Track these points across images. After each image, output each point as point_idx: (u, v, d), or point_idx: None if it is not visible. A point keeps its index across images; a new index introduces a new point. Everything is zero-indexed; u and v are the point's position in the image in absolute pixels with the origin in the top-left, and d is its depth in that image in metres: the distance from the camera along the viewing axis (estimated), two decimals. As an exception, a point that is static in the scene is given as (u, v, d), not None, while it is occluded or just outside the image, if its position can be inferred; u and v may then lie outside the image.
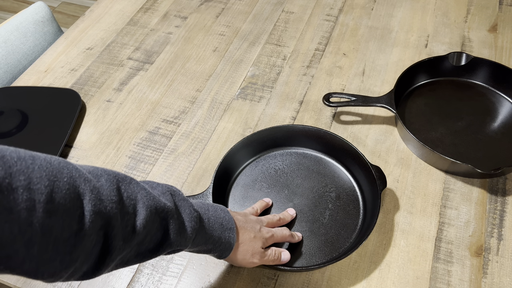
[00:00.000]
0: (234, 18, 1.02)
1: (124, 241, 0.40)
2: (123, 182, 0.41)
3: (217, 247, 0.52)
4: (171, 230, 0.44)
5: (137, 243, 0.42)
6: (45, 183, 0.33)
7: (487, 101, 0.81)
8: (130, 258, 0.43)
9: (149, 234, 0.42)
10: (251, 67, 0.90)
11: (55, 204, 0.33)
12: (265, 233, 0.58)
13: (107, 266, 0.40)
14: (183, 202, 0.48)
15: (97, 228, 0.37)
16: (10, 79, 1.00)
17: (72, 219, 0.34)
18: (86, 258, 0.37)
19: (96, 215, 0.36)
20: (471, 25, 0.96)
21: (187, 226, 0.46)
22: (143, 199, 0.42)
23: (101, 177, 0.39)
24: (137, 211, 0.41)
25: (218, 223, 0.52)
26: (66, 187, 0.34)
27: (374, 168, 0.66)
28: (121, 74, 0.91)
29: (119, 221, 0.38)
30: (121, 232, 0.39)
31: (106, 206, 0.37)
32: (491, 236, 0.64)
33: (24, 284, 0.62)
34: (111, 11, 1.05)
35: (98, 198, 0.37)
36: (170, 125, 0.81)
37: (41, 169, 0.33)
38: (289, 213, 0.66)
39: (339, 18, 1.00)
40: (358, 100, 0.76)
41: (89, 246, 0.36)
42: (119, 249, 0.39)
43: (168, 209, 0.44)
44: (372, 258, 0.63)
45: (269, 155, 0.74)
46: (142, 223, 0.41)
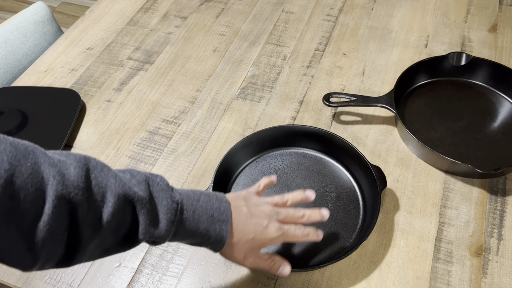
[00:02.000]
0: (234, 18, 1.02)
1: (94, 229, 0.39)
2: (94, 170, 0.40)
3: (207, 240, 0.48)
4: (142, 220, 0.43)
5: (112, 231, 0.41)
6: (6, 167, 0.33)
7: (487, 101, 0.81)
8: (111, 246, 0.43)
9: (122, 222, 0.42)
10: (251, 67, 0.90)
11: (15, 188, 0.34)
12: (273, 232, 0.51)
13: (82, 254, 0.40)
14: (161, 193, 0.45)
15: (64, 214, 0.37)
16: (10, 79, 1.00)
17: (35, 203, 0.35)
18: (56, 242, 0.37)
19: (60, 200, 0.36)
20: (471, 25, 0.96)
21: (161, 218, 0.44)
22: (112, 186, 0.41)
23: (70, 165, 0.39)
24: (105, 199, 0.40)
25: (207, 215, 0.48)
26: (29, 172, 0.35)
27: (374, 168, 0.66)
28: (121, 74, 0.91)
29: (85, 209, 0.38)
30: (88, 220, 0.39)
31: (70, 192, 0.37)
32: (491, 236, 0.64)
33: (24, 284, 0.62)
34: (111, 11, 1.05)
35: (62, 184, 0.37)
36: (170, 125, 0.81)
37: (3, 154, 0.34)
38: (320, 213, 0.55)
39: (339, 18, 1.00)
40: (358, 100, 0.76)
41: (58, 231, 0.37)
42: (89, 237, 0.39)
43: (139, 198, 0.43)
44: (372, 258, 0.63)
45: (269, 155, 0.74)
46: (111, 211, 0.40)
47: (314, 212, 0.55)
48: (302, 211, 0.55)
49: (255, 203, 0.53)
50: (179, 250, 0.65)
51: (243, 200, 0.53)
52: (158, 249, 0.65)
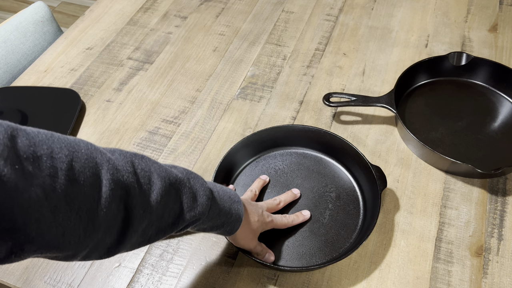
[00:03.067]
0: (234, 18, 1.01)
1: (144, 210, 0.41)
2: (136, 157, 0.43)
3: (229, 219, 0.53)
4: (185, 200, 0.46)
5: (157, 217, 0.43)
6: (65, 152, 0.35)
7: (488, 101, 0.80)
8: (152, 235, 0.44)
9: (167, 206, 0.44)
10: (251, 67, 0.90)
11: (75, 172, 0.35)
12: (266, 217, 0.60)
13: (129, 239, 0.41)
14: (194, 175, 0.49)
15: (117, 198, 0.38)
16: (9, 79, 1.00)
17: (92, 188, 0.36)
18: (108, 228, 0.38)
19: (115, 184, 0.38)
20: (471, 25, 0.96)
21: (201, 196, 0.48)
22: (157, 170, 0.43)
23: (115, 152, 0.41)
24: (152, 182, 0.42)
25: (226, 196, 0.53)
26: (85, 157, 0.36)
27: (374, 168, 0.65)
28: (121, 74, 0.91)
29: (137, 191, 0.40)
30: (140, 202, 0.40)
31: (123, 175, 0.39)
32: (491, 236, 0.64)
33: (24, 284, 0.62)
34: (111, 11, 1.05)
35: (115, 168, 0.38)
36: (170, 125, 0.81)
37: (60, 141, 0.35)
38: (292, 193, 0.67)
39: (339, 18, 1.00)
40: (358, 100, 0.76)
41: (111, 216, 0.38)
42: (140, 219, 0.41)
43: (181, 179, 0.46)
44: (372, 258, 0.63)
45: (269, 155, 0.74)
46: (159, 192, 0.42)
47: (287, 195, 0.67)
48: (278, 199, 0.65)
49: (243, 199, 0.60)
50: (179, 250, 0.65)
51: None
52: (158, 249, 0.65)
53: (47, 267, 0.64)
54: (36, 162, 0.32)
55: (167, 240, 0.66)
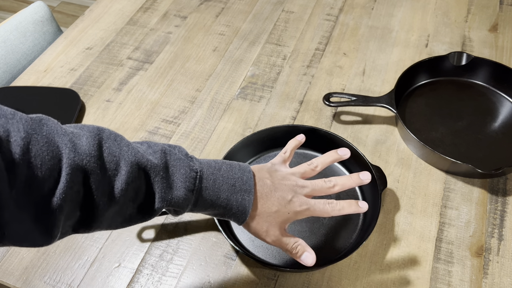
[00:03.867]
0: (234, 17, 1.01)
1: (108, 197, 0.40)
2: (107, 140, 0.41)
3: (229, 211, 0.47)
4: (157, 187, 0.43)
5: (129, 199, 0.42)
6: (22, 135, 0.34)
7: (488, 101, 0.80)
8: (133, 216, 0.43)
9: (138, 191, 0.42)
10: (251, 66, 0.90)
11: (32, 155, 0.34)
12: (297, 206, 0.49)
13: (99, 221, 0.40)
14: (178, 161, 0.45)
15: (79, 182, 0.38)
16: (9, 79, 1.00)
17: (51, 171, 0.36)
18: (73, 207, 0.38)
19: (74, 168, 0.37)
20: (472, 24, 0.96)
21: (178, 187, 0.44)
22: (125, 155, 0.41)
23: (83, 135, 0.40)
24: (119, 167, 0.41)
25: (228, 184, 0.47)
26: (44, 140, 0.36)
27: (375, 168, 0.65)
28: (120, 74, 0.90)
29: (99, 176, 0.39)
30: (103, 188, 0.39)
31: (83, 159, 0.38)
32: (492, 236, 0.64)
33: (24, 284, 0.62)
34: (110, 11, 1.05)
35: (75, 152, 0.37)
36: (170, 125, 0.81)
37: (19, 123, 0.35)
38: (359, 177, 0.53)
39: (339, 17, 1.00)
40: (358, 100, 0.76)
41: (75, 197, 0.38)
42: (105, 205, 0.40)
43: (153, 165, 0.43)
44: (373, 258, 0.63)
45: (269, 155, 0.74)
46: (124, 179, 0.40)
47: (350, 178, 0.52)
48: (334, 180, 0.52)
49: (280, 176, 0.51)
50: (179, 250, 0.65)
51: (267, 172, 0.51)
52: (157, 250, 0.65)
53: (47, 267, 0.64)
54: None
55: (167, 240, 0.66)
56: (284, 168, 0.54)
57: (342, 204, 0.51)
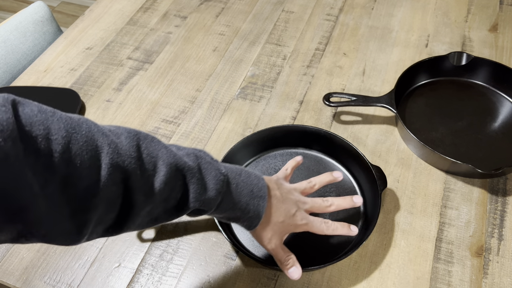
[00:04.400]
0: (234, 17, 1.01)
1: (146, 196, 0.41)
2: (144, 140, 0.42)
3: (246, 215, 0.50)
4: (192, 189, 0.45)
5: (163, 200, 0.43)
6: (63, 134, 0.35)
7: (488, 101, 0.80)
8: (159, 215, 0.45)
9: (173, 191, 0.44)
10: (251, 66, 0.90)
11: (72, 155, 0.35)
12: (298, 220, 0.54)
13: (132, 220, 0.41)
14: (209, 165, 0.48)
15: (118, 181, 0.38)
16: (9, 79, 1.00)
17: (90, 170, 0.36)
18: (108, 207, 0.38)
19: (114, 168, 0.38)
20: (472, 24, 0.96)
21: (210, 188, 0.46)
22: (163, 156, 0.43)
23: (121, 135, 0.40)
24: (157, 168, 0.42)
25: (247, 189, 0.50)
26: (84, 140, 0.36)
27: (375, 168, 0.65)
28: (120, 74, 0.90)
29: (138, 177, 0.40)
30: (141, 187, 0.40)
31: (124, 160, 0.39)
32: (492, 236, 0.64)
33: (24, 284, 0.62)
34: (110, 11, 1.05)
35: (116, 152, 0.38)
36: (170, 125, 0.81)
37: (60, 122, 0.35)
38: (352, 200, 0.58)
39: (339, 17, 1.00)
40: (358, 100, 0.76)
41: (111, 196, 0.38)
42: (142, 204, 0.41)
43: (189, 168, 0.45)
44: (373, 258, 0.63)
45: (269, 155, 0.74)
46: (163, 179, 0.42)
47: (344, 200, 0.57)
48: (330, 200, 0.57)
49: (286, 189, 0.55)
50: (179, 250, 0.65)
51: (276, 184, 0.55)
52: (158, 250, 0.65)
53: (47, 267, 0.64)
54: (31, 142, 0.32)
55: (167, 240, 0.66)
56: (286, 183, 0.58)
57: (336, 225, 0.56)
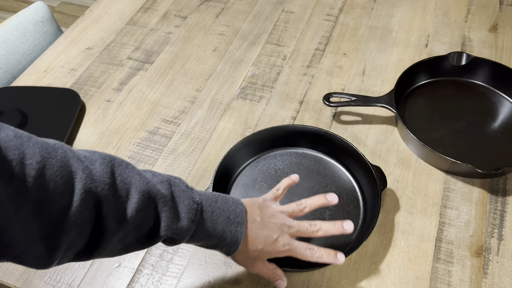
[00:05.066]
0: (234, 17, 1.01)
1: (118, 222, 0.41)
2: (119, 167, 0.42)
3: (223, 242, 0.50)
4: (163, 217, 0.44)
5: (135, 227, 0.43)
6: (38, 159, 0.35)
7: (488, 101, 0.80)
8: (132, 243, 0.44)
9: (145, 218, 0.43)
10: (251, 67, 0.90)
11: (46, 179, 0.35)
12: (280, 246, 0.52)
13: (103, 246, 0.41)
14: (182, 193, 0.47)
15: (90, 206, 0.38)
16: (9, 79, 1.00)
17: (64, 195, 0.36)
18: (80, 232, 0.38)
19: (87, 193, 0.38)
20: (472, 25, 0.96)
21: (183, 217, 0.46)
22: (137, 183, 0.43)
23: (96, 161, 0.40)
24: (130, 195, 0.42)
25: (224, 216, 0.49)
26: (59, 165, 0.36)
27: (374, 168, 0.65)
28: (120, 74, 0.90)
29: (111, 203, 0.40)
30: (114, 214, 0.40)
31: (97, 186, 0.39)
32: (492, 236, 0.64)
33: (24, 284, 0.62)
34: (110, 11, 1.05)
35: (90, 178, 0.38)
36: (170, 125, 0.81)
37: (35, 146, 0.35)
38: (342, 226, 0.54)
39: (339, 18, 1.00)
40: (358, 100, 0.76)
41: (83, 221, 0.38)
42: (113, 230, 0.41)
43: (162, 195, 0.44)
44: (372, 258, 0.63)
45: (269, 155, 0.74)
46: (135, 206, 0.42)
47: (334, 225, 0.54)
48: (319, 225, 0.54)
49: (269, 213, 0.53)
50: (179, 250, 0.65)
51: (258, 208, 0.53)
52: (158, 250, 0.65)
53: (47, 267, 0.64)
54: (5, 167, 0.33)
55: (167, 240, 0.66)
56: (275, 205, 0.56)
57: (322, 252, 0.53)
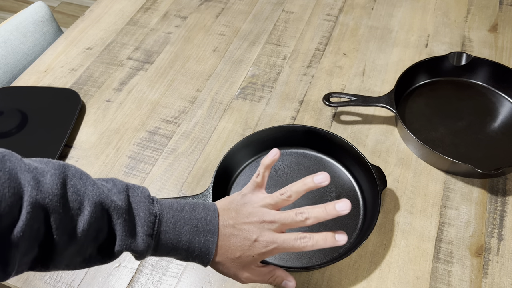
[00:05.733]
0: (234, 18, 1.02)
1: (70, 236, 0.39)
2: (73, 178, 0.40)
3: (191, 254, 0.46)
4: (118, 230, 0.42)
5: (90, 240, 0.41)
6: None
7: (488, 101, 0.80)
8: (92, 256, 0.43)
9: (100, 232, 0.41)
10: (251, 67, 0.90)
11: None
12: (262, 247, 0.46)
13: (58, 260, 0.40)
14: (140, 204, 0.44)
15: (40, 219, 0.37)
16: (10, 79, 1.00)
17: (12, 208, 0.35)
18: (31, 245, 0.37)
19: (35, 206, 0.37)
20: (471, 25, 0.96)
21: (138, 230, 0.43)
22: (90, 194, 0.40)
23: (47, 172, 0.39)
24: (82, 207, 0.40)
25: (190, 226, 0.45)
26: (7, 177, 0.36)
27: (374, 168, 0.65)
28: (121, 74, 0.91)
29: (61, 215, 0.38)
30: (65, 227, 0.39)
31: (45, 198, 0.37)
32: (492, 236, 0.64)
33: (24, 284, 0.62)
34: (111, 11, 1.05)
35: (37, 190, 0.37)
36: (170, 125, 0.81)
37: None
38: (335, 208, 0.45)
39: (339, 18, 1.00)
40: (358, 100, 0.76)
41: (33, 235, 0.37)
42: (64, 243, 0.39)
43: (116, 207, 0.42)
44: (372, 258, 0.63)
45: (269, 155, 0.74)
46: (87, 219, 0.40)
47: (324, 210, 0.45)
48: (306, 212, 0.46)
49: (246, 212, 0.47)
50: (179, 250, 0.65)
51: (234, 210, 0.48)
52: (158, 249, 0.65)
53: (47, 267, 0.64)
54: None
55: (167, 240, 0.66)
56: (255, 197, 0.49)
57: (316, 239, 0.45)
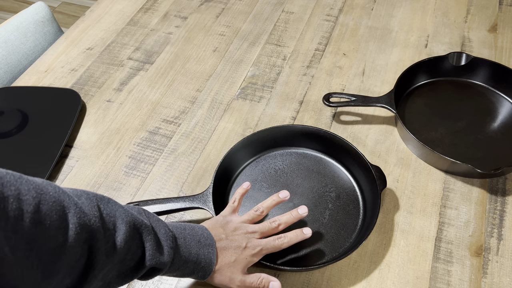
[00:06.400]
0: (234, 18, 1.02)
1: (107, 255, 0.41)
2: (102, 201, 0.43)
3: (198, 265, 0.51)
4: (148, 246, 0.46)
5: (119, 261, 0.43)
6: (33, 194, 0.35)
7: (487, 101, 0.81)
8: (112, 279, 0.44)
9: (130, 251, 0.44)
10: (251, 67, 0.90)
11: (41, 215, 0.35)
12: (251, 250, 0.55)
13: (89, 283, 0.40)
14: (158, 222, 0.49)
15: (82, 241, 0.38)
16: (10, 79, 1.00)
17: (57, 231, 0.36)
18: (69, 270, 0.38)
19: (81, 228, 0.38)
20: (471, 25, 0.96)
21: (163, 245, 0.48)
22: (122, 215, 0.44)
23: (82, 196, 0.41)
24: (117, 227, 0.43)
25: (195, 241, 0.52)
26: (53, 200, 0.36)
27: (374, 168, 0.66)
28: (121, 74, 0.91)
29: (102, 235, 0.40)
30: (104, 246, 0.40)
31: (90, 219, 0.39)
32: (491, 236, 0.64)
33: (24, 284, 0.62)
34: (111, 11, 1.05)
35: (82, 212, 0.38)
36: (170, 125, 0.81)
37: (29, 183, 0.35)
38: (298, 212, 0.59)
39: (339, 18, 1.00)
40: (358, 100, 0.76)
41: (73, 258, 0.38)
42: (102, 264, 0.41)
43: (145, 226, 0.46)
44: (372, 258, 0.63)
45: (269, 155, 0.74)
46: (123, 238, 0.43)
47: (290, 215, 0.59)
48: (278, 220, 0.58)
49: (232, 228, 0.57)
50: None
51: (221, 227, 0.56)
52: (158, 249, 0.65)
53: (48, 266, 0.64)
54: (2, 203, 0.32)
55: (167, 240, 0.66)
56: (235, 217, 0.59)
57: (290, 236, 0.57)
